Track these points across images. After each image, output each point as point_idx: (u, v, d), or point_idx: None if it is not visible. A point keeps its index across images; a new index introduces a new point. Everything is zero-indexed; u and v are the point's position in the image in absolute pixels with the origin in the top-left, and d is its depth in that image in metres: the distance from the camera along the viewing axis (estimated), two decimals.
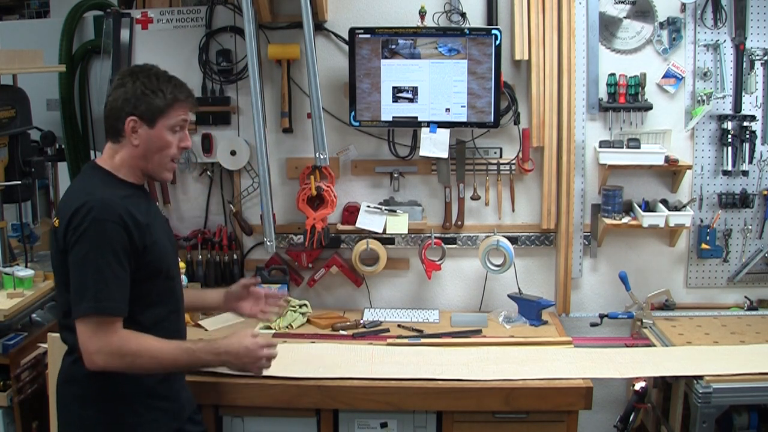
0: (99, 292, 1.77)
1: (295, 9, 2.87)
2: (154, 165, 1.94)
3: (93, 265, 1.78)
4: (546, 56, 2.96)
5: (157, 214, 2.03)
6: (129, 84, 1.89)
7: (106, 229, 1.79)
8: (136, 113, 1.87)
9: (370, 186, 3.13)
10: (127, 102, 1.87)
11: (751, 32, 2.97)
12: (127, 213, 1.83)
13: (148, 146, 1.91)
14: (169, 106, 1.90)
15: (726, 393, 2.38)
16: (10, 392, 2.53)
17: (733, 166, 3.02)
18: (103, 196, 1.83)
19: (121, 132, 1.90)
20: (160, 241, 1.94)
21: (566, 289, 3.09)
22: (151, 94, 1.88)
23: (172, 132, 1.93)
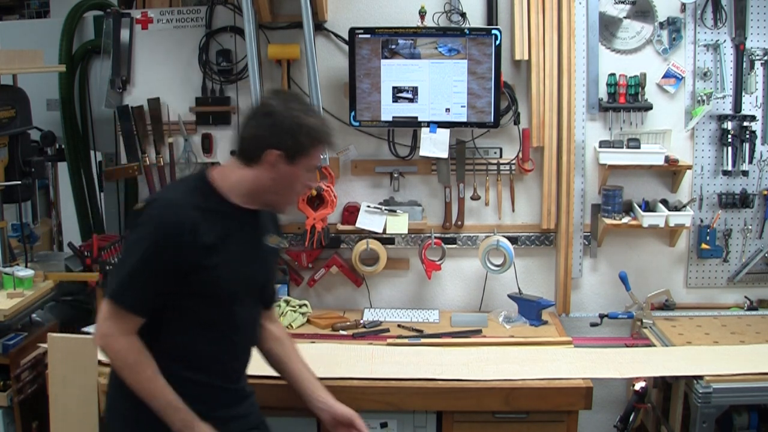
0: (125, 284, 1.78)
1: (295, 9, 2.86)
2: (279, 199, 1.91)
3: (131, 258, 1.79)
4: (546, 56, 2.96)
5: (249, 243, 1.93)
6: (279, 115, 1.81)
7: (162, 232, 1.77)
8: (281, 148, 1.80)
9: (370, 186, 3.13)
10: (275, 134, 1.80)
11: (751, 32, 2.97)
12: (192, 225, 1.78)
13: (281, 181, 1.85)
14: (313, 147, 1.84)
15: (726, 393, 2.38)
16: (10, 392, 2.53)
17: (733, 166, 3.02)
18: (179, 201, 1.81)
19: (258, 160, 1.83)
20: (225, 265, 1.84)
21: (566, 289, 3.09)
22: (299, 131, 1.80)
23: (307, 171, 1.89)
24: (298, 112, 1.82)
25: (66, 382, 2.38)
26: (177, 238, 1.76)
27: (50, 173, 3.40)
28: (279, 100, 1.85)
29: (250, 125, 1.85)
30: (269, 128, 1.81)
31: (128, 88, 3.10)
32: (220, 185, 1.87)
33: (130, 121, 3.08)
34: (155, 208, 1.81)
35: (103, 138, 3.29)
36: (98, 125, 3.29)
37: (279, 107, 1.82)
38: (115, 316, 1.78)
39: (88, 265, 2.90)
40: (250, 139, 1.85)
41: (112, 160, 3.26)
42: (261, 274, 2.03)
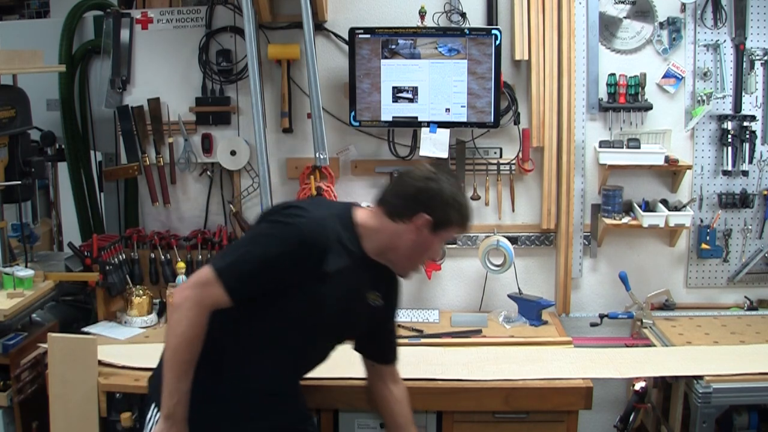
0: (234, 265, 1.79)
1: (295, 9, 2.86)
2: (406, 262, 1.95)
3: (254, 246, 1.80)
4: (546, 56, 2.96)
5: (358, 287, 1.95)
6: (447, 186, 1.88)
7: (295, 242, 1.79)
8: (432, 215, 1.86)
9: (370, 186, 3.13)
10: (433, 201, 1.87)
11: (751, 32, 2.98)
12: (321, 252, 1.81)
13: (418, 246, 1.90)
14: (456, 225, 1.92)
15: (726, 393, 2.39)
16: (10, 392, 2.52)
17: (733, 166, 3.02)
18: (325, 225, 1.83)
19: (405, 218, 1.88)
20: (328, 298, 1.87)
21: (566, 289, 3.09)
22: (454, 207, 1.88)
23: (440, 244, 1.95)
24: (457, 191, 1.91)
25: (66, 382, 2.38)
26: (305, 255, 1.79)
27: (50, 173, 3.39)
28: (444, 174, 1.92)
29: (409, 184, 1.90)
30: (431, 194, 1.87)
31: (128, 88, 3.10)
32: (360, 226, 1.91)
33: (130, 121, 3.08)
34: (301, 216, 1.82)
35: (103, 138, 3.28)
36: (98, 125, 3.28)
37: (444, 180, 1.89)
38: (209, 287, 1.77)
39: (88, 265, 2.90)
40: (406, 197, 1.88)
41: (112, 160, 3.25)
42: (356, 324, 2.05)
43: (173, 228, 3.20)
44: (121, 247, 3.03)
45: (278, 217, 1.84)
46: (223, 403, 1.88)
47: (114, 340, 2.76)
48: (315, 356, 2.06)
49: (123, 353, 2.58)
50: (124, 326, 2.89)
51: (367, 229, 1.91)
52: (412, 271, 2.00)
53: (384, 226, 1.90)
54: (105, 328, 2.87)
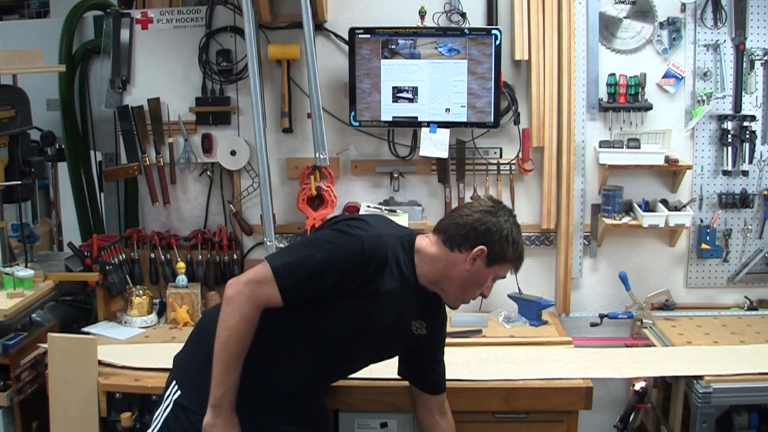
0: (291, 264, 1.80)
1: (295, 9, 2.86)
2: (458, 292, 1.96)
3: (315, 250, 1.81)
4: (546, 56, 2.96)
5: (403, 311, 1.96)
6: (505, 221, 1.91)
7: (357, 253, 1.80)
8: (489, 248, 1.89)
9: (370, 186, 3.13)
10: (491, 234, 1.89)
11: (751, 32, 2.97)
12: (378, 268, 1.83)
13: (472, 278, 1.93)
14: (509, 262, 1.94)
15: (726, 393, 2.38)
16: (10, 392, 2.53)
17: (733, 166, 3.02)
18: (389, 244, 1.86)
19: (463, 249, 1.90)
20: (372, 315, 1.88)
21: (566, 289, 3.09)
22: (511, 243, 1.91)
23: (492, 280, 1.97)
24: (515, 228, 1.94)
25: (66, 382, 2.38)
26: (362, 267, 1.81)
27: (50, 173, 3.39)
28: (504, 210, 1.95)
29: (471, 217, 1.92)
30: (490, 228, 1.90)
31: (128, 88, 3.10)
32: (418, 252, 1.93)
33: (130, 121, 3.08)
34: (368, 230, 1.84)
35: (103, 138, 3.29)
36: (98, 125, 3.28)
37: (503, 216, 1.93)
38: (263, 285, 1.79)
39: (88, 265, 2.90)
40: (466, 227, 1.91)
41: (112, 160, 3.25)
42: (394, 347, 2.08)
43: (173, 228, 3.20)
44: (121, 247, 3.03)
45: (342, 227, 1.86)
46: (243, 395, 1.88)
47: (114, 340, 2.76)
48: (344, 369, 2.10)
49: (123, 353, 2.58)
50: (124, 326, 2.89)
51: (425, 256, 1.94)
52: (462, 302, 2.01)
53: (441, 255, 1.93)
54: (105, 328, 2.87)
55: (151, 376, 2.42)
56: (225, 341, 1.80)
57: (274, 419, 1.97)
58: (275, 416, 1.97)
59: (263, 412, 1.95)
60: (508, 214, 1.95)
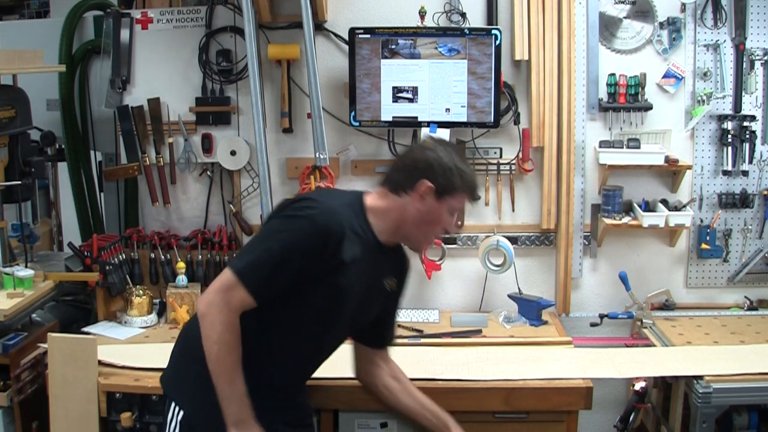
0: (254, 264, 1.77)
1: (295, 9, 2.86)
2: (418, 234, 1.94)
3: (271, 244, 1.78)
4: (546, 56, 2.96)
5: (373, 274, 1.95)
6: (442, 152, 1.89)
7: (310, 231, 1.78)
8: (434, 181, 1.87)
9: (370, 186, 3.09)
10: (433, 167, 1.87)
11: (751, 32, 2.97)
12: (337, 241, 1.80)
13: (425, 216, 1.90)
14: (462, 191, 1.91)
15: (726, 393, 2.39)
16: (10, 392, 2.53)
17: (733, 166, 3.02)
18: (337, 212, 1.82)
19: (408, 189, 1.89)
20: (346, 289, 1.86)
21: (566, 289, 3.09)
22: (456, 171, 1.89)
23: (449, 214, 1.93)
24: (457, 158, 1.91)
25: (66, 382, 2.38)
26: (320, 245, 1.78)
27: (50, 173, 3.39)
28: (441, 145, 1.94)
29: (408, 157, 1.93)
30: (429, 161, 1.88)
31: (128, 88, 3.10)
32: (370, 211, 1.92)
33: (130, 121, 3.08)
34: (313, 208, 1.81)
35: (103, 138, 3.29)
36: (98, 125, 3.28)
37: (440, 149, 1.91)
38: (232, 291, 1.77)
39: (88, 265, 2.90)
40: (405, 169, 1.90)
41: (112, 160, 3.25)
42: (370, 311, 2.05)
43: (173, 228, 3.20)
44: (121, 247, 3.03)
45: (289, 212, 1.84)
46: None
47: (114, 340, 2.76)
48: (331, 346, 2.06)
49: (123, 353, 2.58)
50: (124, 326, 2.89)
51: (378, 211, 1.92)
52: (426, 244, 1.99)
53: (391, 204, 1.91)
54: (105, 328, 2.87)
55: (151, 376, 2.41)
56: (217, 355, 1.78)
57: (273, 419, 1.96)
58: (275, 416, 1.96)
59: (265, 414, 1.92)
60: (448, 147, 1.93)
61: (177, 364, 2.02)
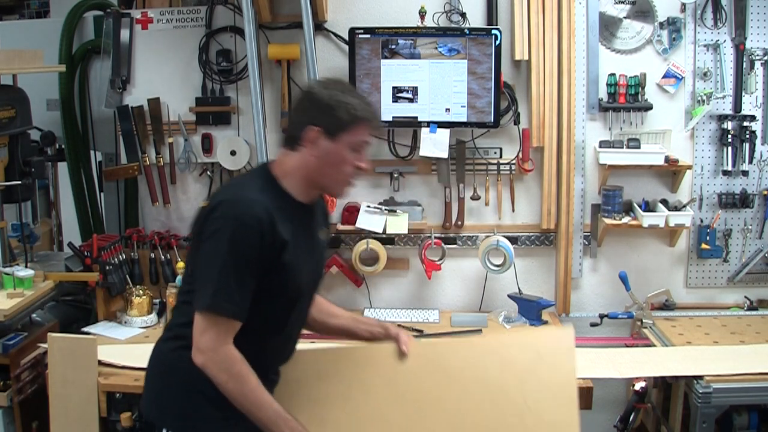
0: (218, 291, 1.74)
1: (295, 9, 2.87)
2: (328, 180, 1.89)
3: (221, 264, 1.74)
4: (546, 56, 2.96)
5: (309, 238, 1.93)
6: (319, 93, 1.83)
7: (243, 231, 1.74)
8: (319, 124, 1.81)
9: (370, 186, 3.13)
10: (313, 111, 1.82)
11: (751, 32, 2.97)
12: (269, 222, 1.76)
13: (326, 160, 1.83)
14: (353, 123, 1.82)
15: (726, 393, 2.39)
16: (10, 392, 2.53)
17: (733, 166, 3.02)
18: (254, 198, 1.79)
19: (300, 140, 1.83)
20: (296, 263, 1.84)
21: (566, 289, 3.09)
22: (339, 107, 1.81)
23: (352, 150, 1.85)
24: (337, 91, 1.83)
25: (66, 382, 2.38)
26: (258, 235, 1.75)
27: (50, 173, 3.40)
28: (319, 84, 1.90)
29: (292, 109, 1.90)
30: (308, 107, 1.84)
31: (128, 88, 3.10)
32: (281, 180, 1.88)
33: (130, 121, 3.08)
34: (229, 209, 1.77)
35: (103, 138, 3.29)
36: (98, 125, 3.29)
37: (318, 88, 1.86)
38: (215, 327, 1.74)
39: (88, 265, 2.90)
40: (292, 123, 1.88)
41: (112, 160, 3.26)
42: (320, 268, 2.06)
43: (173, 228, 3.20)
44: (121, 247, 3.03)
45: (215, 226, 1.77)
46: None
47: (114, 340, 2.76)
48: (302, 318, 2.04)
49: (123, 353, 2.58)
50: (124, 326, 2.89)
51: (286, 175, 1.88)
52: (342, 186, 1.93)
53: (293, 162, 1.86)
54: (105, 328, 2.87)
55: None
56: (237, 394, 1.76)
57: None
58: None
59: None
60: (330, 84, 1.85)
61: (158, 388, 1.94)
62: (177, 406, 1.88)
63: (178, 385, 1.85)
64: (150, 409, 1.94)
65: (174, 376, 1.86)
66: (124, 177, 3.16)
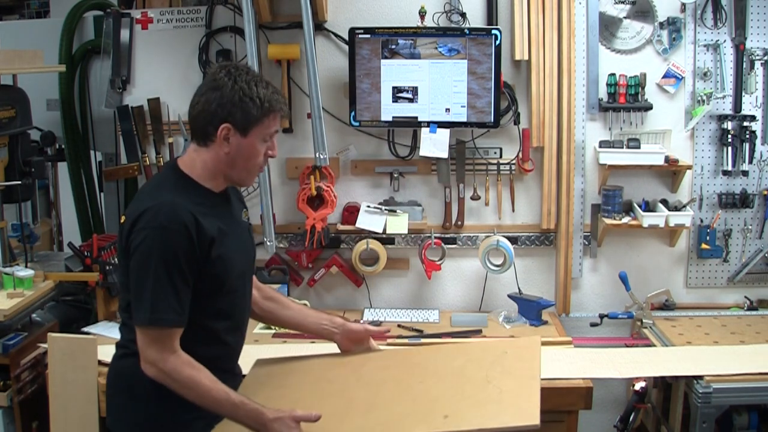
0: (156, 303, 1.73)
1: (295, 9, 2.87)
2: (240, 172, 1.88)
3: (152, 275, 1.73)
4: (546, 56, 2.96)
5: (233, 224, 1.94)
6: (226, 87, 1.79)
7: (170, 237, 1.73)
8: (231, 121, 1.79)
9: (370, 186, 3.13)
10: (223, 108, 1.79)
11: (751, 32, 2.97)
12: (194, 222, 1.76)
13: (238, 154, 1.83)
14: (264, 116, 1.82)
15: (726, 393, 2.38)
16: (10, 392, 2.53)
17: (733, 166, 3.02)
18: (173, 201, 1.77)
19: (212, 137, 1.81)
20: (227, 254, 1.85)
21: (566, 289, 3.09)
22: (248, 101, 1.79)
23: (263, 141, 1.86)
24: (245, 83, 1.80)
25: (66, 382, 2.38)
26: (186, 239, 1.75)
27: (50, 173, 3.40)
28: (226, 74, 1.81)
29: (199, 102, 1.82)
30: (217, 103, 1.79)
31: (128, 88, 3.10)
32: (192, 175, 1.86)
33: (130, 121, 3.08)
34: (152, 218, 1.75)
35: (103, 138, 3.29)
36: (98, 125, 3.29)
37: (227, 81, 1.80)
38: (157, 339, 1.75)
39: (88, 265, 2.90)
40: (200, 117, 1.82)
41: (112, 160, 3.26)
42: (251, 249, 2.07)
43: None
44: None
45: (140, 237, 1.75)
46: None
47: (114, 340, 2.71)
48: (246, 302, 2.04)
49: None
50: None
51: (198, 170, 1.86)
52: (253, 176, 1.94)
53: (204, 157, 1.85)
54: (105, 328, 2.86)
55: None
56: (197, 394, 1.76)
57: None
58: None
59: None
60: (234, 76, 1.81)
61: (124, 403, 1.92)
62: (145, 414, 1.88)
63: (144, 396, 1.85)
64: (119, 427, 1.94)
65: (139, 388, 1.85)
66: (124, 177, 3.15)
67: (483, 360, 2.01)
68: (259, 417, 1.76)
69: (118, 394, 1.94)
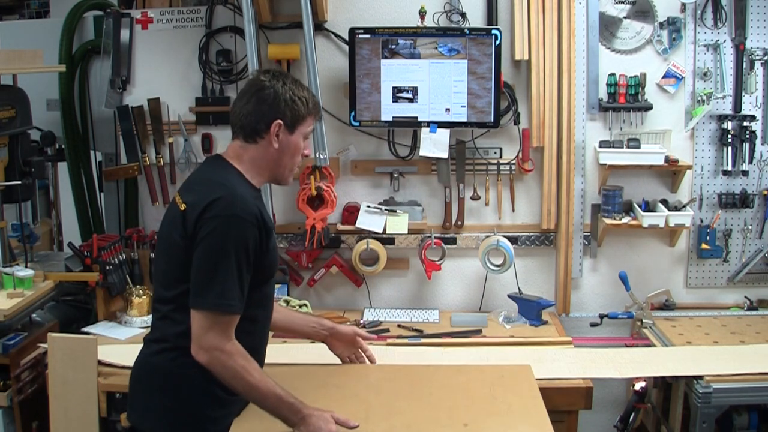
0: (225, 290, 1.78)
1: (295, 9, 2.87)
2: (283, 169, 1.98)
3: (224, 262, 1.79)
4: (546, 56, 2.96)
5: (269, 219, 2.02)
6: (278, 87, 1.92)
7: (243, 226, 1.81)
8: (282, 118, 1.91)
9: (370, 186, 3.13)
10: (276, 106, 1.90)
11: (751, 32, 2.98)
12: (260, 214, 1.86)
13: (285, 150, 1.94)
14: (309, 115, 1.97)
15: (726, 393, 2.39)
16: (10, 392, 2.53)
17: (733, 166, 3.02)
18: (243, 194, 1.85)
19: (262, 134, 1.92)
20: (275, 245, 1.98)
21: (566, 289, 3.09)
22: (298, 101, 1.93)
23: (304, 139, 1.98)
24: (293, 84, 1.95)
25: (66, 382, 2.38)
26: (256, 230, 1.84)
27: (50, 173, 3.40)
28: (272, 77, 1.94)
29: (249, 102, 1.92)
30: (271, 102, 1.91)
31: (128, 88, 3.10)
32: (242, 169, 1.95)
33: (130, 121, 3.08)
34: (225, 208, 1.80)
35: (103, 138, 3.29)
36: (98, 125, 3.29)
37: (275, 82, 1.93)
38: (219, 324, 1.79)
39: (88, 265, 2.90)
40: (251, 115, 1.92)
41: (112, 160, 3.26)
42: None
43: None
44: (121, 247, 3.03)
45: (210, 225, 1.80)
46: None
47: (114, 340, 2.76)
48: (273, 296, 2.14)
49: (123, 353, 2.57)
50: (124, 326, 2.89)
51: (246, 166, 1.95)
52: (291, 174, 2.03)
53: (252, 154, 1.95)
54: (105, 328, 2.87)
55: None
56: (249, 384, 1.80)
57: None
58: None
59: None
60: (279, 78, 1.94)
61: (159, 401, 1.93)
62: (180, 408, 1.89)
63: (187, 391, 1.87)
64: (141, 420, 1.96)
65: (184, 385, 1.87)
66: (124, 177, 3.16)
67: (483, 380, 2.15)
68: (299, 411, 1.83)
69: (153, 391, 1.93)
